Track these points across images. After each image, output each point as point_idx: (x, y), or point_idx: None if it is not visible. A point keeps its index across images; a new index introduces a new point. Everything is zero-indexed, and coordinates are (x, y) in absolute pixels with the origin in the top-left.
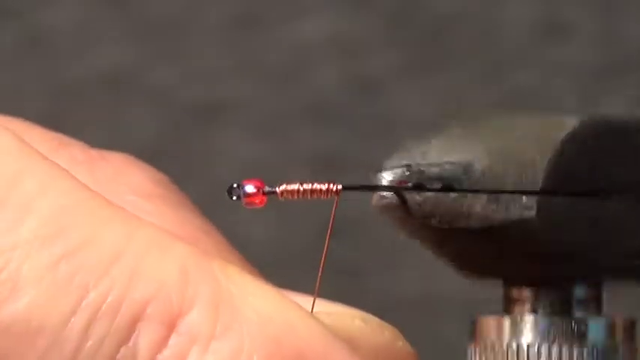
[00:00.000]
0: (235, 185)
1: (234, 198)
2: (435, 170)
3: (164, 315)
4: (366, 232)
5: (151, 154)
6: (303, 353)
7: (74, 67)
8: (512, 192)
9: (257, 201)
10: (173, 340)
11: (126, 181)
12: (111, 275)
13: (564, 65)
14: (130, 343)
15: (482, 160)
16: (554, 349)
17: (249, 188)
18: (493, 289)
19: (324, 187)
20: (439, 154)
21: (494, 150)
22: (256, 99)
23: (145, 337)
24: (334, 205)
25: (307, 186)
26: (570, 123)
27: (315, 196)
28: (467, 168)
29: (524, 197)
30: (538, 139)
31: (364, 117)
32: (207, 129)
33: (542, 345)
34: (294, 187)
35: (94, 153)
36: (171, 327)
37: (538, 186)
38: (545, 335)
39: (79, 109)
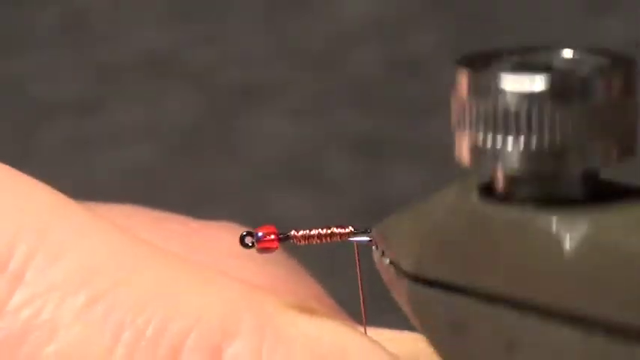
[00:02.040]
0: (246, 233)
1: (249, 244)
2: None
3: (206, 344)
4: None
5: (189, 135)
6: None
7: (113, 49)
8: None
9: (271, 246)
10: None
11: (217, 245)
12: (149, 310)
13: (608, 43)
14: None
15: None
16: None
17: (263, 234)
18: None
19: (337, 230)
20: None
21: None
22: (296, 80)
23: None
24: (355, 249)
25: (320, 231)
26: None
27: (328, 240)
28: None
29: None
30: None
31: (405, 98)
32: (247, 111)
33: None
34: (306, 232)
35: (194, 224)
36: (215, 355)
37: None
38: None
39: (117, 91)
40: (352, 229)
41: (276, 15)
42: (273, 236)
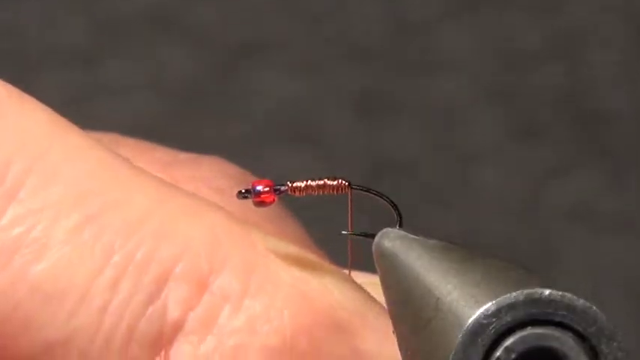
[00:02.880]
0: (244, 190)
1: (246, 196)
2: None
3: (194, 274)
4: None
5: (188, 91)
6: (335, 312)
7: (113, 3)
8: None
9: (268, 199)
10: (205, 299)
11: (203, 178)
12: (138, 235)
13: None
14: (160, 301)
15: None
16: None
17: (259, 187)
18: None
19: (333, 183)
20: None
21: None
22: (295, 38)
23: (174, 295)
24: (349, 200)
25: (315, 182)
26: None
27: (324, 191)
28: None
29: None
30: None
31: (403, 56)
32: (245, 68)
33: None
34: (302, 184)
35: (182, 156)
36: (202, 286)
37: None
38: None
39: (117, 45)
40: (347, 183)
41: None
42: (268, 189)
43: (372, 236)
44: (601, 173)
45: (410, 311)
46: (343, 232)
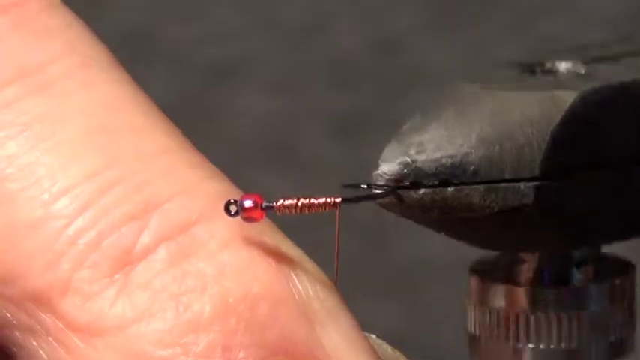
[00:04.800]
0: (232, 201)
1: (232, 213)
2: (431, 166)
3: (183, 214)
4: None
5: (166, 113)
6: (300, 302)
7: (91, 26)
8: (510, 181)
9: (255, 216)
10: (182, 238)
11: None
12: (147, 163)
13: (591, 13)
14: (140, 222)
15: (478, 151)
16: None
17: (248, 203)
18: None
19: (322, 200)
20: (435, 147)
21: (490, 138)
22: (273, 57)
23: (156, 223)
24: (337, 218)
25: (305, 201)
26: (568, 98)
27: (313, 210)
28: (463, 162)
29: (521, 185)
30: (534, 121)
31: (383, 74)
32: (224, 88)
33: (541, 313)
34: (292, 202)
35: None
36: (185, 227)
37: (535, 172)
38: (545, 304)
39: None
40: (337, 200)
41: None
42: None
43: (372, 198)
44: None
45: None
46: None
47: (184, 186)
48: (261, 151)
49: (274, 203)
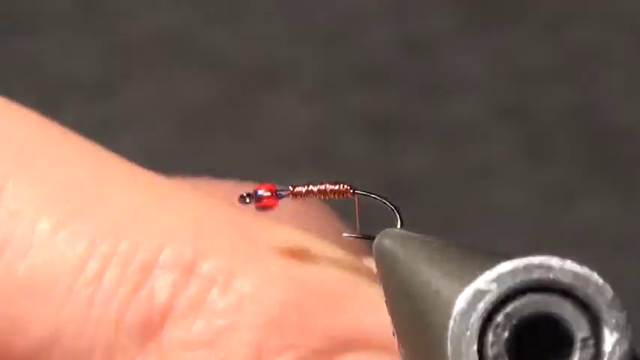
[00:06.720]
0: (246, 194)
1: (247, 201)
2: None
3: (179, 260)
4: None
5: (203, 116)
6: (326, 286)
7: (130, 28)
8: None
9: (270, 204)
10: (192, 282)
11: None
12: (122, 230)
13: (621, 19)
14: (146, 290)
15: None
16: None
17: (261, 192)
18: None
19: (335, 187)
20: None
21: None
22: (309, 62)
23: (161, 282)
24: (356, 203)
25: (319, 187)
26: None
27: (327, 196)
28: None
29: None
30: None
31: (416, 78)
32: (260, 91)
33: None
34: (305, 188)
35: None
36: (188, 270)
37: None
38: None
39: (133, 70)
40: (349, 187)
41: None
42: (270, 193)
43: (373, 238)
44: (614, 191)
45: (410, 304)
46: (345, 234)
47: (165, 231)
48: (298, 154)
49: (287, 190)
